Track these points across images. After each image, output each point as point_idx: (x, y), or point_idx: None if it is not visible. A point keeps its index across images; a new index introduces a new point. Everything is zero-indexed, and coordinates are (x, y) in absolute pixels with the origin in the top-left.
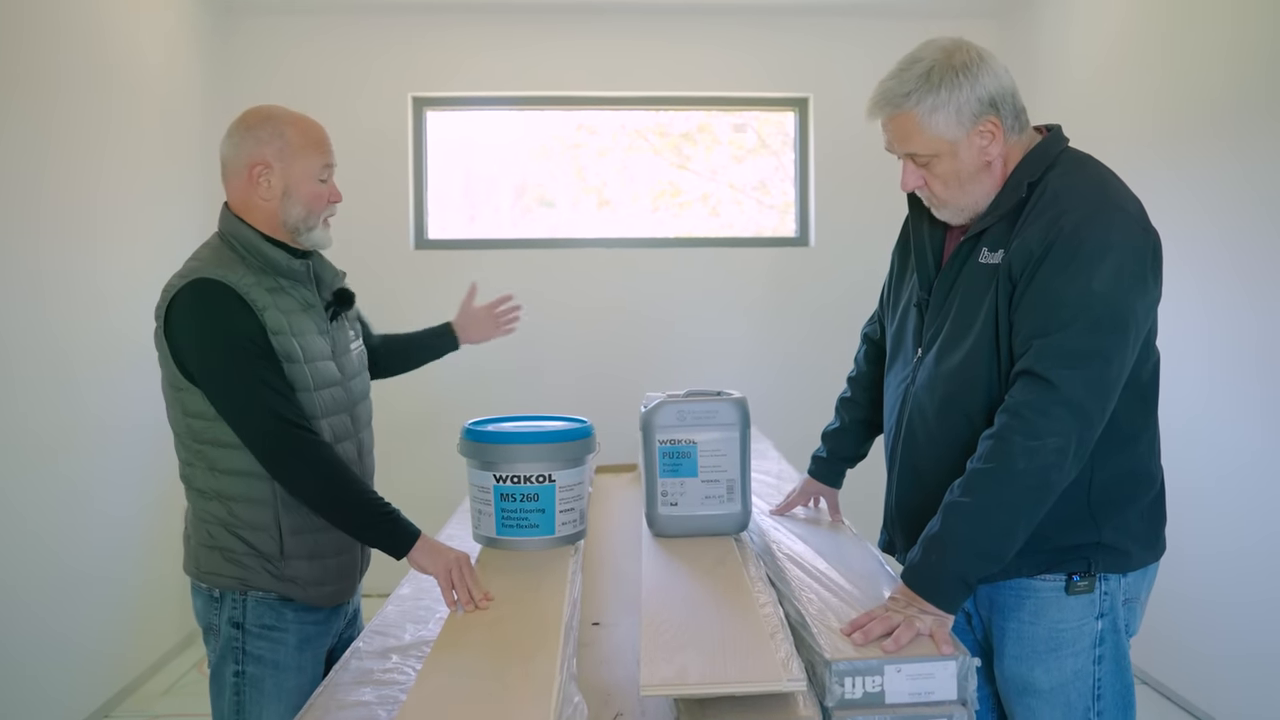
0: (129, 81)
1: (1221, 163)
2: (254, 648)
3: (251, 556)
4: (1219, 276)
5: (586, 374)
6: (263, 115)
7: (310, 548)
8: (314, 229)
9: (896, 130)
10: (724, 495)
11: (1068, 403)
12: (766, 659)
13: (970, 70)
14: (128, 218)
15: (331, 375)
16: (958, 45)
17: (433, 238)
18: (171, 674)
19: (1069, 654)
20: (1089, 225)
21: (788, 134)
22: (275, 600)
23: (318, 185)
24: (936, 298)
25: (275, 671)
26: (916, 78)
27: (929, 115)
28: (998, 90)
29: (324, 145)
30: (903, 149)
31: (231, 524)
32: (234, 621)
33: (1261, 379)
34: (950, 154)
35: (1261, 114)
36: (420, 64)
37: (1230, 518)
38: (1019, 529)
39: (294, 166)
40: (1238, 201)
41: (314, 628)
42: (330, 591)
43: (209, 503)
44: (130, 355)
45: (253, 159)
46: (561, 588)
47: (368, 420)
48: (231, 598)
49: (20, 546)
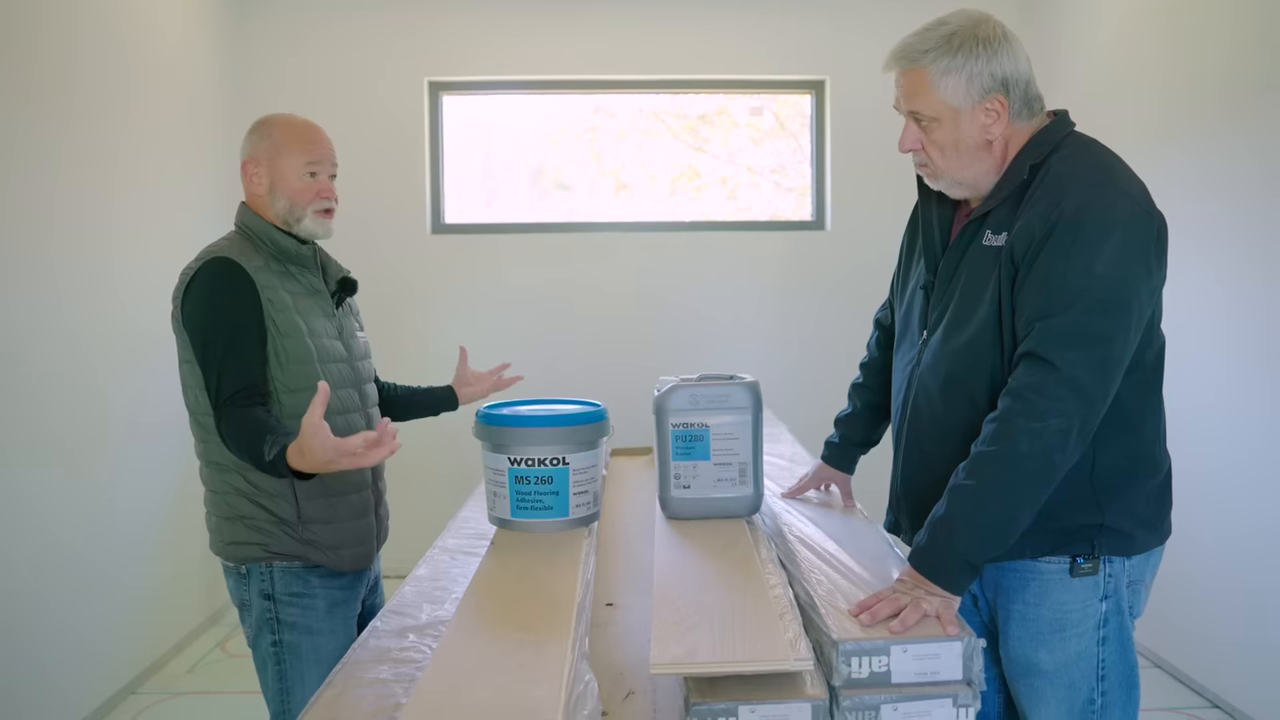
0: (146, 71)
1: (1241, 147)
2: (286, 615)
3: (272, 522)
4: (1235, 262)
5: (604, 358)
6: (262, 119)
7: (325, 512)
8: (302, 220)
9: (907, 85)
10: (736, 478)
11: (1070, 384)
12: (775, 639)
13: (991, 44)
14: (146, 208)
15: (338, 352)
16: (986, 19)
17: (449, 222)
18: (194, 653)
19: (1073, 635)
20: (1090, 207)
21: (805, 116)
22: (300, 568)
23: (302, 180)
24: (942, 280)
25: (310, 636)
26: (939, 38)
27: (940, 77)
28: (1013, 72)
29: (311, 144)
30: (908, 105)
31: (250, 493)
32: (264, 593)
33: (1275, 364)
34: (952, 121)
35: (1278, 97)
36: (436, 48)
37: (1243, 502)
38: (1023, 511)
39: (278, 163)
40: (1256, 186)
41: (340, 593)
42: (349, 555)
43: (227, 474)
44: (148, 347)
45: (246, 158)
46: (574, 569)
47: (375, 400)
48: (259, 570)
49: (43, 536)
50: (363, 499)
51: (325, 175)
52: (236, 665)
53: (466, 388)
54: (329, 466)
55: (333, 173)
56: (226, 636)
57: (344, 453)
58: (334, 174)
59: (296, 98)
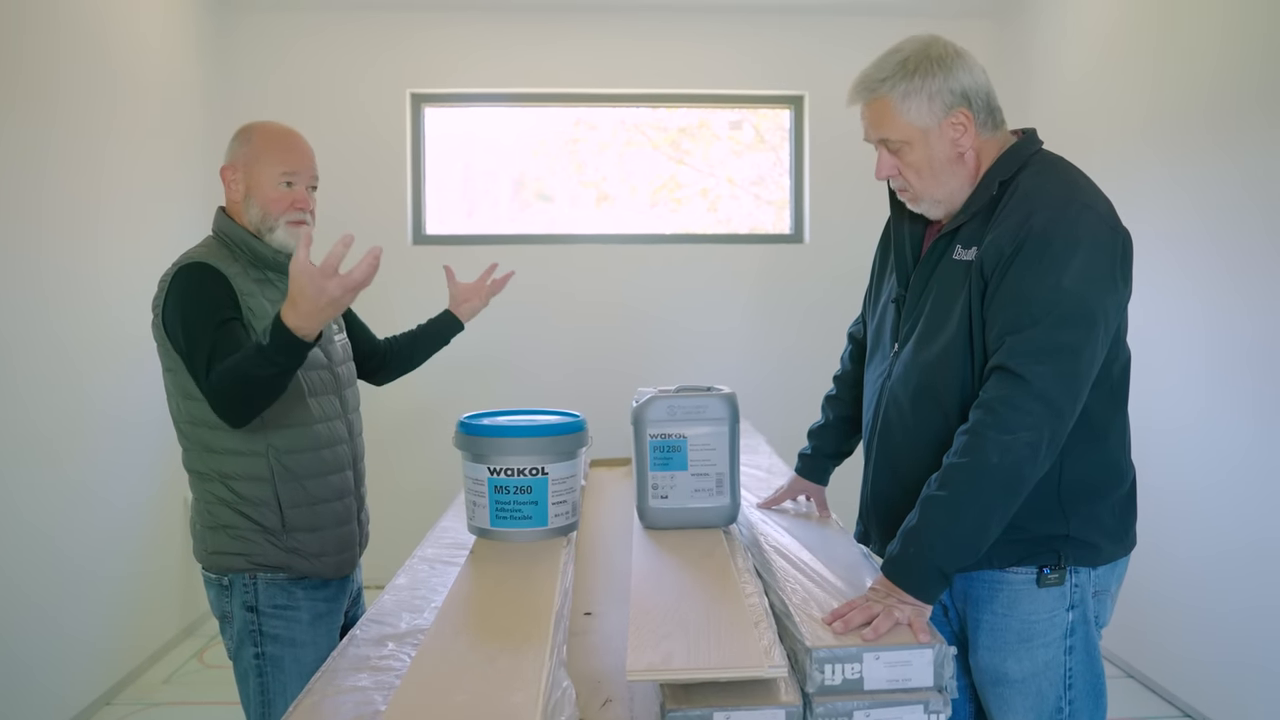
0: (130, 79)
1: (1214, 160)
2: (270, 628)
3: (256, 531)
4: (1211, 274)
5: (584, 368)
6: (246, 126)
7: (309, 520)
8: (274, 230)
9: (872, 116)
10: (713, 488)
11: (1040, 397)
12: (749, 646)
13: (945, 62)
14: (129, 213)
15: (318, 359)
16: (935, 40)
17: (431, 233)
18: (171, 663)
19: (1040, 645)
20: (1058, 224)
21: (785, 129)
22: (284, 580)
23: (277, 190)
24: (913, 293)
25: (293, 648)
26: (894, 65)
27: (902, 101)
28: (971, 85)
29: (289, 153)
30: (876, 134)
31: (234, 502)
32: (248, 605)
33: (1253, 376)
34: (922, 142)
35: (1254, 111)
36: (419, 60)
37: (1221, 517)
38: (993, 522)
39: (254, 170)
40: (1230, 199)
41: (324, 604)
42: (333, 562)
43: (211, 484)
44: (131, 351)
45: (225, 164)
46: (553, 578)
47: (356, 405)
48: (242, 582)
49: (21, 539)
50: (345, 506)
51: (302, 186)
52: (213, 676)
53: (464, 304)
54: (324, 299)
55: (312, 184)
56: (203, 647)
57: (331, 273)
58: (314, 185)
59: (279, 108)
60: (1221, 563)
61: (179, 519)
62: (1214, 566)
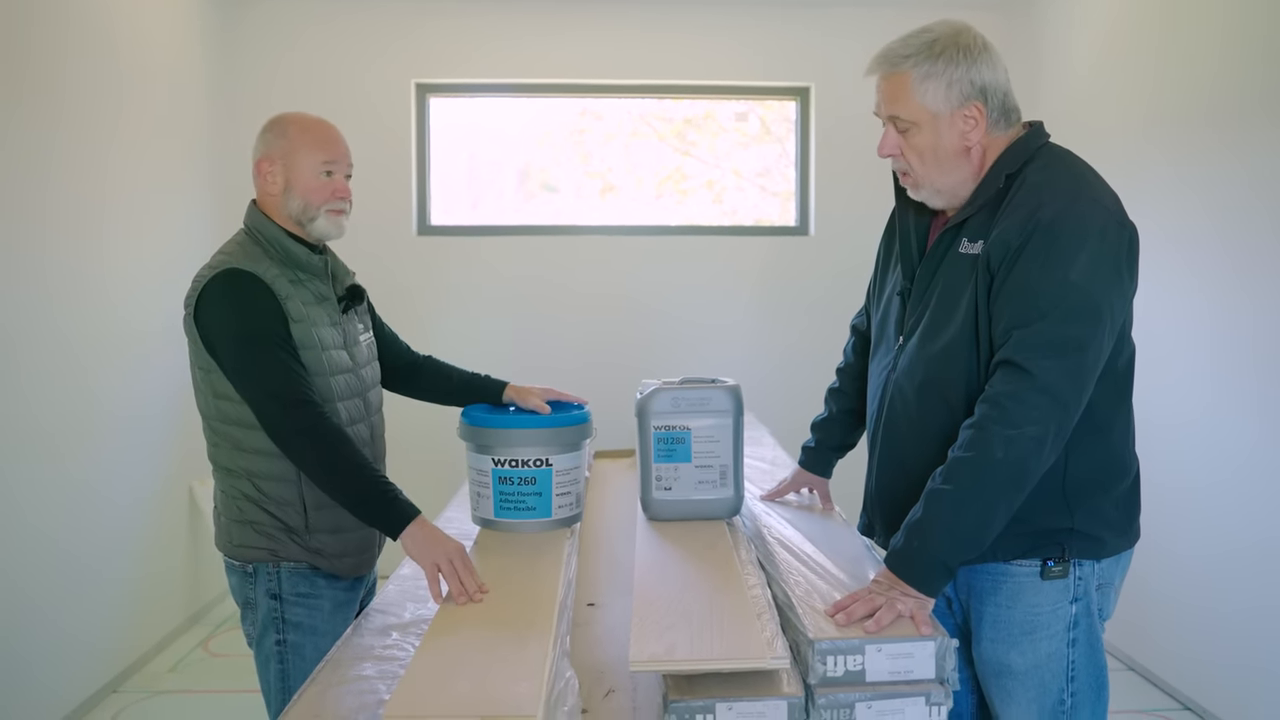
0: (135, 72)
1: (1221, 157)
2: (293, 615)
3: (279, 530)
4: (1217, 272)
5: (589, 360)
6: (276, 119)
7: (333, 522)
8: (315, 220)
9: (888, 90)
10: (717, 480)
11: (1046, 391)
12: (752, 638)
13: (971, 53)
14: (134, 209)
15: (344, 363)
16: (967, 28)
17: (435, 224)
18: (176, 652)
19: (1044, 637)
20: (1065, 217)
21: (791, 121)
22: (307, 570)
23: (317, 179)
24: (919, 287)
25: (314, 637)
26: (921, 44)
27: (921, 81)
28: (991, 81)
29: (327, 144)
30: (888, 110)
31: (259, 500)
32: (271, 593)
33: (1258, 376)
34: (931, 126)
35: (1261, 108)
36: (424, 51)
37: (1225, 516)
38: (997, 516)
39: (293, 161)
40: (1237, 195)
41: (344, 594)
42: (352, 563)
43: (237, 480)
44: (136, 346)
45: (261, 157)
46: (556, 569)
47: (378, 406)
48: (265, 570)
49: (25, 536)
50: None
51: (341, 175)
52: (219, 664)
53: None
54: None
55: (348, 172)
56: (209, 635)
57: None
58: (349, 174)
59: (284, 100)
60: (1225, 561)
61: (183, 514)
62: (1217, 565)
